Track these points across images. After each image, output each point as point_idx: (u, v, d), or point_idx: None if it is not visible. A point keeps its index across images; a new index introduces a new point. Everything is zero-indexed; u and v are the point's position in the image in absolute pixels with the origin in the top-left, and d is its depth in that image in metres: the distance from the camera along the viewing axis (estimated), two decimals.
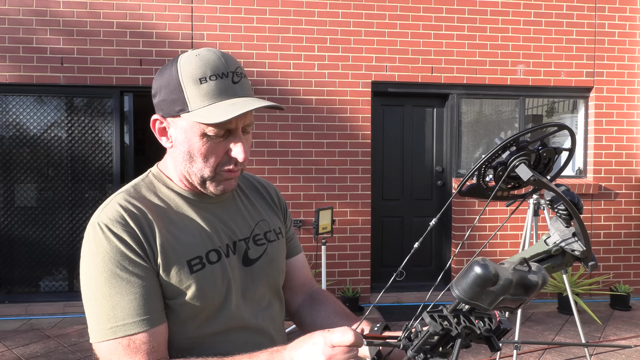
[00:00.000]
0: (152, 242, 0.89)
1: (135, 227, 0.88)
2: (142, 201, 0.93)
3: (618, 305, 4.80)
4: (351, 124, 4.91)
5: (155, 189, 0.98)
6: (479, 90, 5.15)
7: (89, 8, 4.61)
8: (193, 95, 0.89)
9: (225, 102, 0.88)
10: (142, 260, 0.87)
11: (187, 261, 0.91)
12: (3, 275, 4.70)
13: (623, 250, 5.24)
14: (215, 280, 0.93)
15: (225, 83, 0.90)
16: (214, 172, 0.94)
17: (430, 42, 4.99)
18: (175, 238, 0.91)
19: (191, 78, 0.89)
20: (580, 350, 3.76)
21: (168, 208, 0.95)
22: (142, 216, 0.90)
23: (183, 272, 0.90)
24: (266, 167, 4.76)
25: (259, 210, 1.10)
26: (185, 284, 0.89)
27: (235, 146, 0.93)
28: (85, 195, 4.76)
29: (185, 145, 0.93)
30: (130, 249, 0.86)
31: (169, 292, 0.89)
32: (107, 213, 0.89)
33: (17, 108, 4.68)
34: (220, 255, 0.96)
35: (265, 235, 1.07)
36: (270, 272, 1.05)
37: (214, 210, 1.00)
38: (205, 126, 0.89)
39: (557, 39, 5.15)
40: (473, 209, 5.05)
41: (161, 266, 0.88)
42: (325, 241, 4.02)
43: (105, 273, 0.84)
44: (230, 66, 0.91)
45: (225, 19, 4.74)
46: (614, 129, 5.23)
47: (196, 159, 0.93)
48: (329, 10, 4.86)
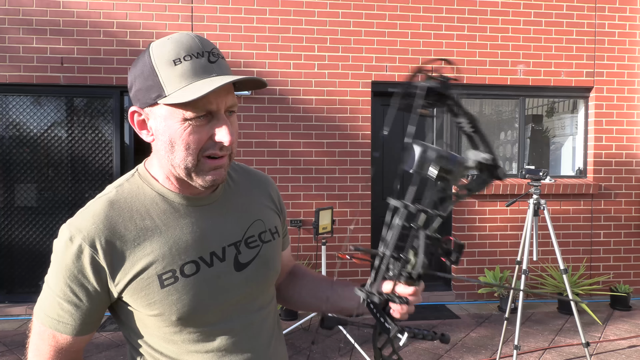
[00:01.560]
0: (119, 262, 0.87)
1: (101, 248, 0.86)
2: (120, 210, 0.90)
3: (618, 305, 4.80)
4: (351, 124, 4.91)
5: (138, 192, 0.93)
6: (479, 90, 5.15)
7: (89, 8, 4.61)
8: (168, 78, 0.84)
9: (201, 81, 0.83)
10: (94, 286, 0.87)
11: (158, 275, 0.88)
12: (3, 275, 4.70)
13: (623, 250, 5.24)
14: (188, 294, 0.89)
15: (201, 62, 0.84)
16: (197, 160, 0.87)
17: (430, 42, 4.99)
18: (150, 250, 0.88)
19: (165, 61, 0.84)
20: (580, 350, 3.76)
21: (148, 217, 0.91)
22: (115, 231, 0.87)
23: (152, 286, 0.87)
24: (266, 167, 4.76)
25: (255, 209, 1.05)
26: (153, 298, 0.87)
27: (219, 129, 0.86)
28: (85, 195, 4.76)
29: (166, 135, 0.87)
30: (85, 272, 0.86)
31: (139, 305, 0.89)
32: (77, 223, 0.87)
33: (17, 108, 4.68)
34: (199, 266, 0.91)
35: (259, 236, 1.02)
36: (264, 274, 1.01)
37: (203, 214, 0.95)
38: (185, 109, 0.84)
39: (557, 39, 5.15)
40: (473, 209, 5.05)
41: (128, 283, 0.87)
42: (325, 241, 4.02)
43: (57, 277, 0.87)
44: (205, 46, 0.86)
45: (225, 19, 4.74)
46: (614, 129, 5.23)
47: (177, 147, 0.86)
48: (329, 10, 4.86)
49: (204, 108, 0.84)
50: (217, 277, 0.92)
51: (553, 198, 5.12)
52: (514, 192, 5.00)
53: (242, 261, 0.97)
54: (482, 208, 5.07)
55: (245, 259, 0.98)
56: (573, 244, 5.18)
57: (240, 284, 0.96)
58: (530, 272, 4.82)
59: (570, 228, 5.17)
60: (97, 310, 0.89)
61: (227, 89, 0.87)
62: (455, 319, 4.50)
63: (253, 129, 4.76)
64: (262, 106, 4.76)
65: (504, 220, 5.10)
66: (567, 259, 5.09)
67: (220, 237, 0.95)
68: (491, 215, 5.08)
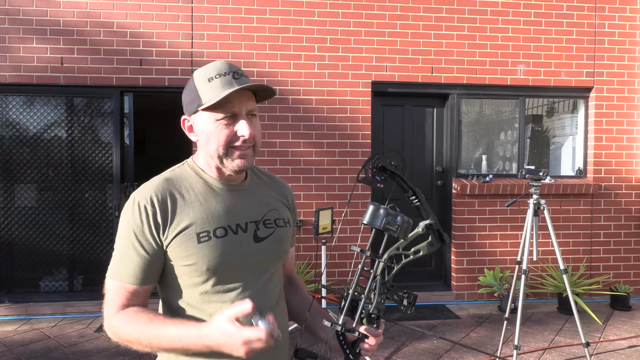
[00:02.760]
0: (170, 220, 1.14)
1: (158, 208, 1.13)
2: (173, 185, 1.19)
3: (618, 305, 4.80)
4: (351, 124, 4.91)
5: (187, 175, 1.23)
6: (479, 90, 5.15)
7: (89, 8, 4.61)
8: (204, 92, 1.15)
9: (226, 91, 1.12)
10: (153, 238, 1.13)
11: (197, 234, 1.14)
12: (3, 276, 4.70)
13: (623, 250, 5.24)
14: (217, 250, 1.15)
15: (227, 79, 1.15)
16: (226, 149, 1.16)
17: (430, 42, 4.99)
18: (192, 215, 1.16)
19: (202, 79, 1.16)
20: (580, 350, 3.76)
21: (192, 192, 1.19)
22: (169, 197, 1.16)
23: (191, 241, 1.13)
24: (266, 167, 4.76)
25: (273, 202, 1.32)
26: (191, 250, 1.13)
27: (240, 125, 1.16)
28: (85, 195, 4.76)
29: (204, 133, 1.18)
30: (147, 226, 1.12)
31: (178, 257, 1.14)
32: (142, 191, 1.16)
33: (17, 108, 4.68)
34: (227, 232, 1.18)
35: (274, 221, 1.29)
36: (276, 249, 1.27)
37: (233, 196, 1.23)
38: (215, 112, 1.14)
39: (557, 39, 5.15)
40: (473, 209, 5.05)
41: (174, 237, 1.13)
42: (325, 241, 4.02)
43: (126, 237, 1.14)
44: (232, 68, 1.17)
45: (225, 19, 4.74)
46: (614, 129, 5.23)
47: (211, 141, 1.16)
48: (329, 10, 4.86)
49: (229, 110, 1.15)
50: (239, 243, 1.19)
51: (553, 198, 5.12)
52: (514, 192, 5.00)
53: (260, 236, 1.24)
54: (482, 208, 5.06)
55: (263, 235, 1.24)
56: (573, 244, 5.18)
57: (256, 252, 1.22)
58: (530, 272, 4.82)
59: (570, 228, 5.17)
60: (156, 261, 1.14)
61: (248, 96, 1.18)
62: (455, 319, 4.50)
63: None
64: (262, 106, 4.76)
65: (504, 220, 5.10)
66: (567, 259, 5.09)
67: (245, 214, 1.23)
68: (491, 215, 5.08)
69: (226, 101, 1.13)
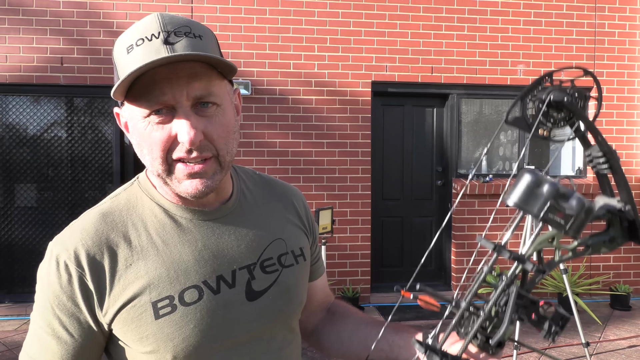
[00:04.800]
0: (108, 285, 0.72)
1: (88, 267, 0.72)
2: (113, 224, 0.76)
3: (618, 305, 4.80)
4: (351, 124, 4.91)
5: (136, 203, 0.79)
6: (479, 90, 5.15)
7: (89, 8, 4.61)
8: (122, 70, 0.70)
9: (138, 66, 0.66)
10: (82, 315, 0.72)
11: (153, 303, 0.72)
12: (3, 276, 4.70)
13: (623, 250, 5.24)
14: (187, 327, 0.73)
15: (154, 45, 0.68)
16: (166, 164, 0.72)
17: (430, 42, 4.99)
18: (144, 272, 0.73)
19: (121, 50, 0.71)
20: (580, 350, 3.76)
21: (144, 231, 0.76)
22: (106, 246, 0.74)
23: (145, 316, 0.72)
24: (266, 167, 4.76)
25: (276, 226, 0.87)
26: (146, 331, 0.72)
27: (176, 124, 0.70)
28: (85, 195, 4.76)
29: (134, 136, 0.74)
30: (71, 296, 0.72)
31: (130, 340, 0.74)
32: (66, 238, 0.75)
33: (17, 108, 4.68)
34: (202, 292, 0.74)
35: (279, 259, 0.84)
36: (283, 306, 0.82)
37: (210, 231, 0.79)
38: (136, 105, 0.71)
39: (557, 39, 5.15)
40: (473, 209, 5.05)
41: (118, 312, 0.72)
42: (325, 241, 4.02)
43: (41, 312, 0.74)
44: (167, 25, 0.70)
45: (225, 19, 4.74)
46: (614, 129, 5.23)
47: (145, 150, 0.73)
48: (329, 10, 4.86)
49: (157, 101, 0.69)
50: (224, 307, 0.76)
51: None
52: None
53: (256, 289, 0.79)
54: (482, 208, 5.06)
55: (260, 287, 0.80)
56: None
57: (253, 317, 0.78)
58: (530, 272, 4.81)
59: None
60: (91, 346, 0.74)
61: (189, 75, 0.69)
62: None
63: (253, 129, 4.76)
64: (262, 106, 4.76)
65: (504, 220, 5.10)
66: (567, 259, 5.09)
67: (230, 259, 0.78)
68: (491, 215, 5.08)
69: (150, 85, 0.68)
